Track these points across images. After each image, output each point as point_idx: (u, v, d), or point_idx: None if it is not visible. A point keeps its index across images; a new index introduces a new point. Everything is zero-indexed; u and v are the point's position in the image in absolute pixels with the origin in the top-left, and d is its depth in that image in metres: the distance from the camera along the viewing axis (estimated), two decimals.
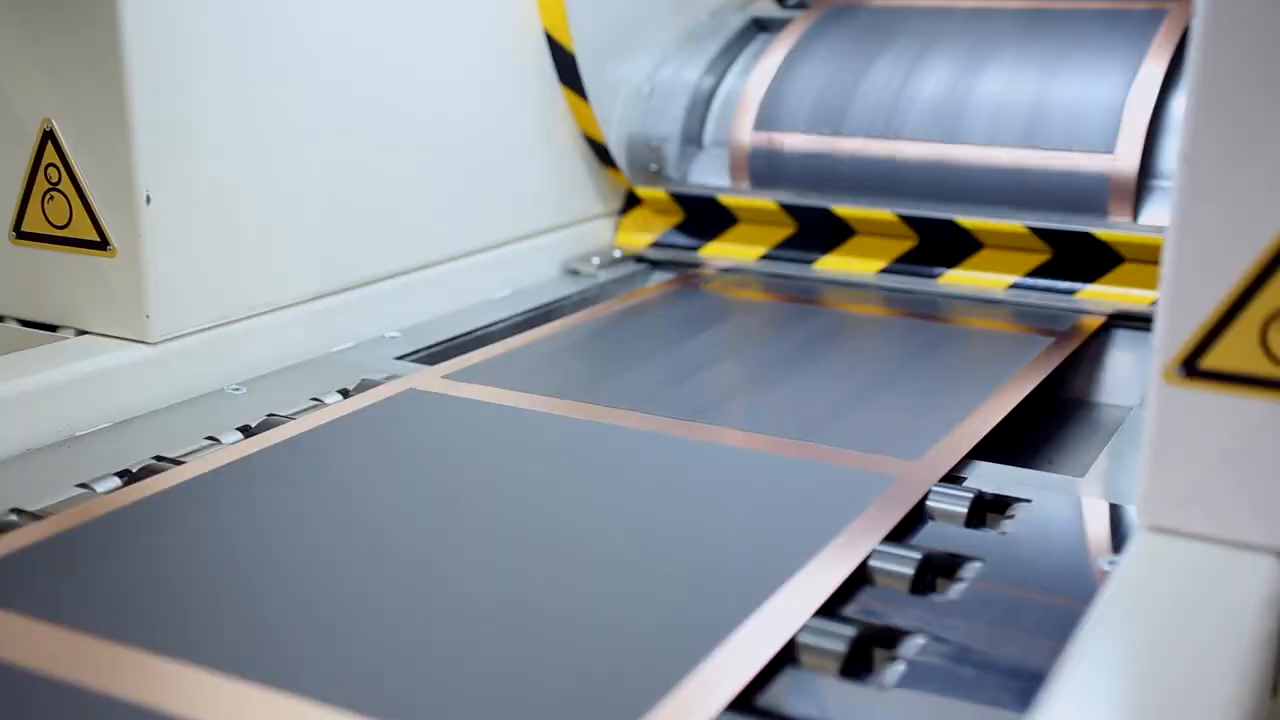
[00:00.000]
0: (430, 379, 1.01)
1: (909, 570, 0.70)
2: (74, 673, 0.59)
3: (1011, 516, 0.79)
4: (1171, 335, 0.67)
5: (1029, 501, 0.80)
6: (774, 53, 1.47)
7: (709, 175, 1.47)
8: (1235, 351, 0.65)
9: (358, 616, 0.65)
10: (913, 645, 0.64)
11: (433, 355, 1.15)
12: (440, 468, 0.85)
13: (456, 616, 0.65)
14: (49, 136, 0.98)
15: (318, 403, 0.99)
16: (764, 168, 1.41)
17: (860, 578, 0.70)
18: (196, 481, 0.81)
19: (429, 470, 0.85)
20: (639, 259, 1.47)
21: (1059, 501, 0.80)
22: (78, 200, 0.98)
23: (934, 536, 0.76)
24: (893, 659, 0.63)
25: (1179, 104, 1.27)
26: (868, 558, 0.71)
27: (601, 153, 1.47)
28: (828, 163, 1.38)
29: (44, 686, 0.58)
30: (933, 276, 1.32)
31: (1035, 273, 1.28)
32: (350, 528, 0.75)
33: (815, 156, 1.39)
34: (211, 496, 0.79)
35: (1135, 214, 1.25)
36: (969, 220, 1.30)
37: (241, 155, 1.04)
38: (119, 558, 0.71)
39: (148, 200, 0.97)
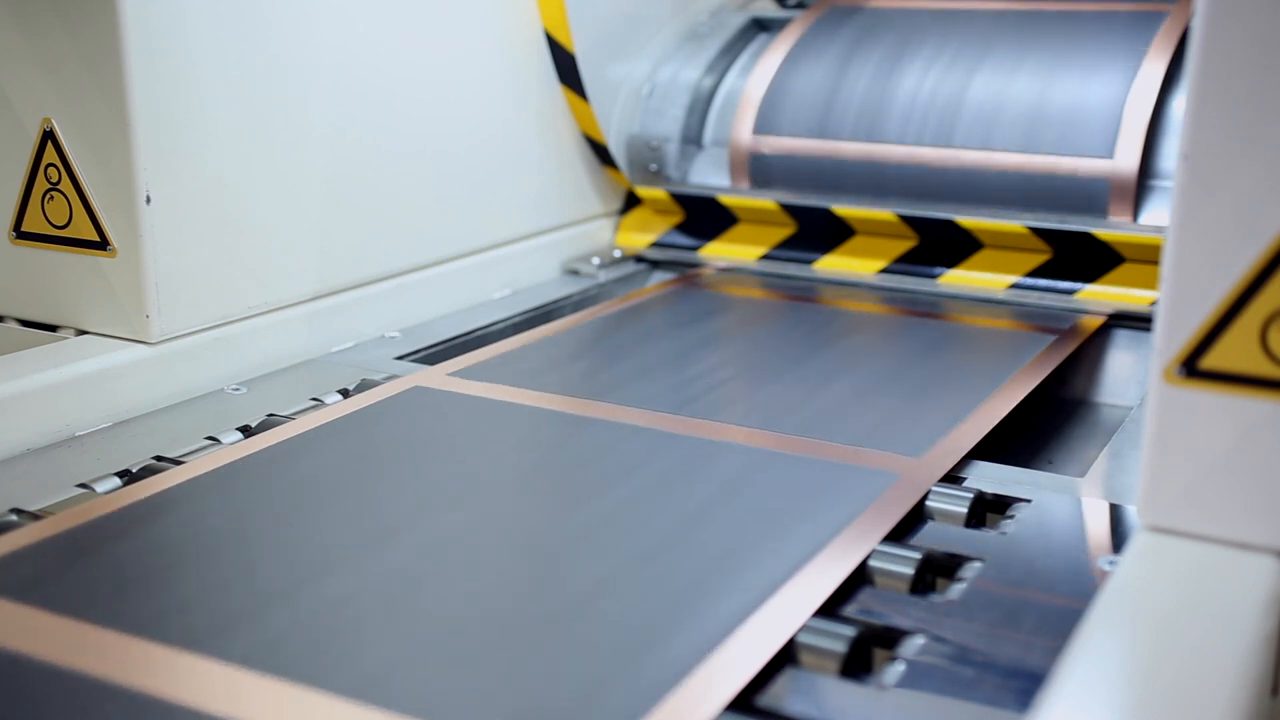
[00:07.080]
0: (434, 376, 1.00)
1: (909, 570, 0.70)
2: (74, 660, 0.59)
3: (1011, 516, 0.79)
4: (1171, 335, 0.67)
5: (1029, 501, 0.80)
6: (774, 53, 1.47)
7: (709, 175, 1.47)
8: (1235, 351, 0.65)
9: (360, 614, 0.65)
10: (913, 645, 0.64)
11: (433, 355, 1.15)
12: (444, 463, 0.85)
13: (458, 614, 0.65)
14: (49, 136, 0.98)
15: (318, 403, 0.99)
16: (764, 168, 1.41)
17: (860, 578, 0.70)
18: (196, 481, 0.81)
19: (433, 465, 0.85)
20: (639, 259, 1.47)
21: (1059, 501, 0.80)
22: (78, 200, 0.98)
23: (934, 536, 0.76)
24: (893, 659, 0.63)
25: (1179, 104, 1.27)
26: (868, 558, 0.71)
27: (601, 153, 1.47)
28: (827, 163, 1.38)
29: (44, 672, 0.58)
30: (933, 276, 1.32)
31: (1035, 273, 1.28)
32: (354, 524, 0.75)
33: (815, 156, 1.39)
34: (212, 496, 0.79)
35: (1135, 214, 1.25)
36: (969, 220, 1.30)
37: (242, 155, 1.04)
38: (118, 556, 0.71)
39: (148, 200, 0.97)
